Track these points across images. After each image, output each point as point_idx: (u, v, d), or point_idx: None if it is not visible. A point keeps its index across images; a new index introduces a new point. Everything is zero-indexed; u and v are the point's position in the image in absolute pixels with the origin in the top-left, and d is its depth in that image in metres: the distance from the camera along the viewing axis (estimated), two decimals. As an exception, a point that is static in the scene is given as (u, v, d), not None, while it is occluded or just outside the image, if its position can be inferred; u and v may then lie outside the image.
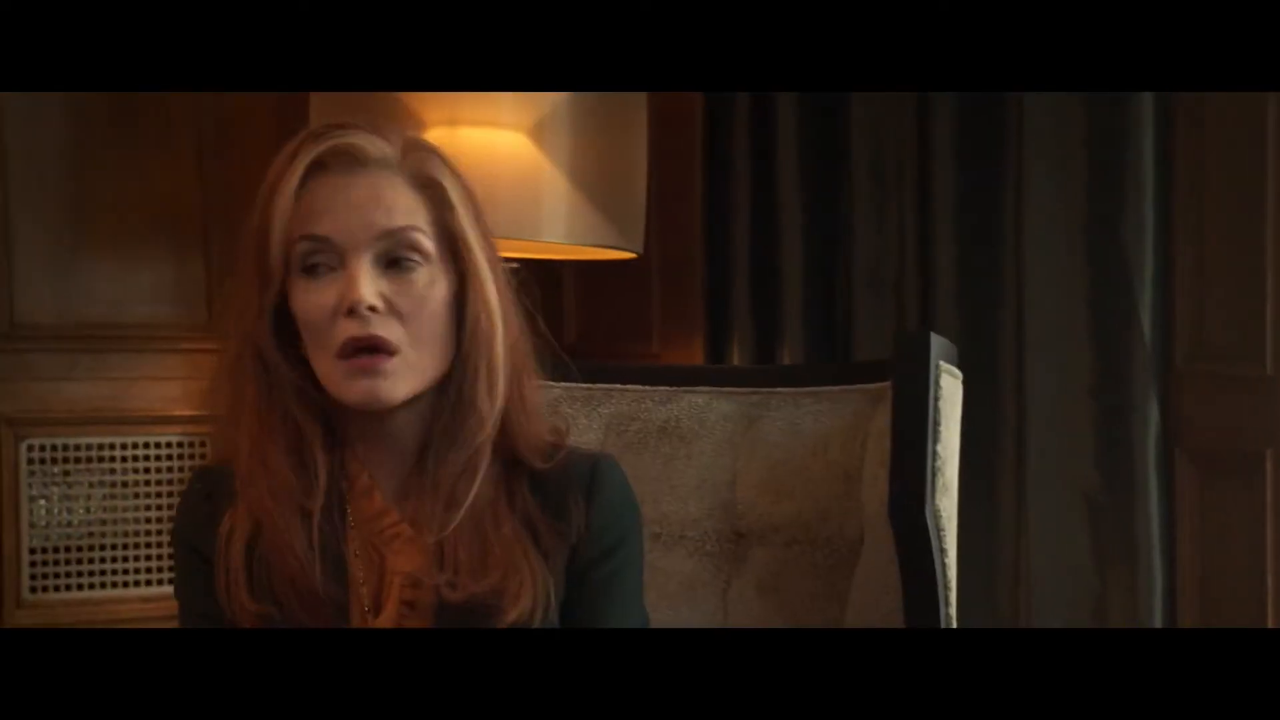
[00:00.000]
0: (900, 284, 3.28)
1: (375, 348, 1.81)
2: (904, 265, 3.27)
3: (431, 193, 1.86)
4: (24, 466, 3.62)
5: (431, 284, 1.85)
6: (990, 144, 3.09)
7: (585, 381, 2.42)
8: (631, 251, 3.38)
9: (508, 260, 3.34)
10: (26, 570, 3.63)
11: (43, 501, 3.64)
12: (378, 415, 1.87)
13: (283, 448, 1.86)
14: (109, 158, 3.69)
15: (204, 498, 1.92)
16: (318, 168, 1.84)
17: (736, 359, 3.51)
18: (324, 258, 1.82)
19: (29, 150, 3.64)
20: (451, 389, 1.88)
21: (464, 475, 1.87)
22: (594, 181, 3.25)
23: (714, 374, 2.46)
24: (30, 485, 3.64)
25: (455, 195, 1.88)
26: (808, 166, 3.42)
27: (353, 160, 1.84)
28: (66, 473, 3.66)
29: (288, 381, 1.86)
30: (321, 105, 3.19)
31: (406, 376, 1.84)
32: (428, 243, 1.85)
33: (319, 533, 1.85)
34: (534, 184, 3.19)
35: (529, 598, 1.84)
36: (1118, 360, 2.96)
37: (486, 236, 1.91)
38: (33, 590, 3.64)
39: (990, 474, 3.07)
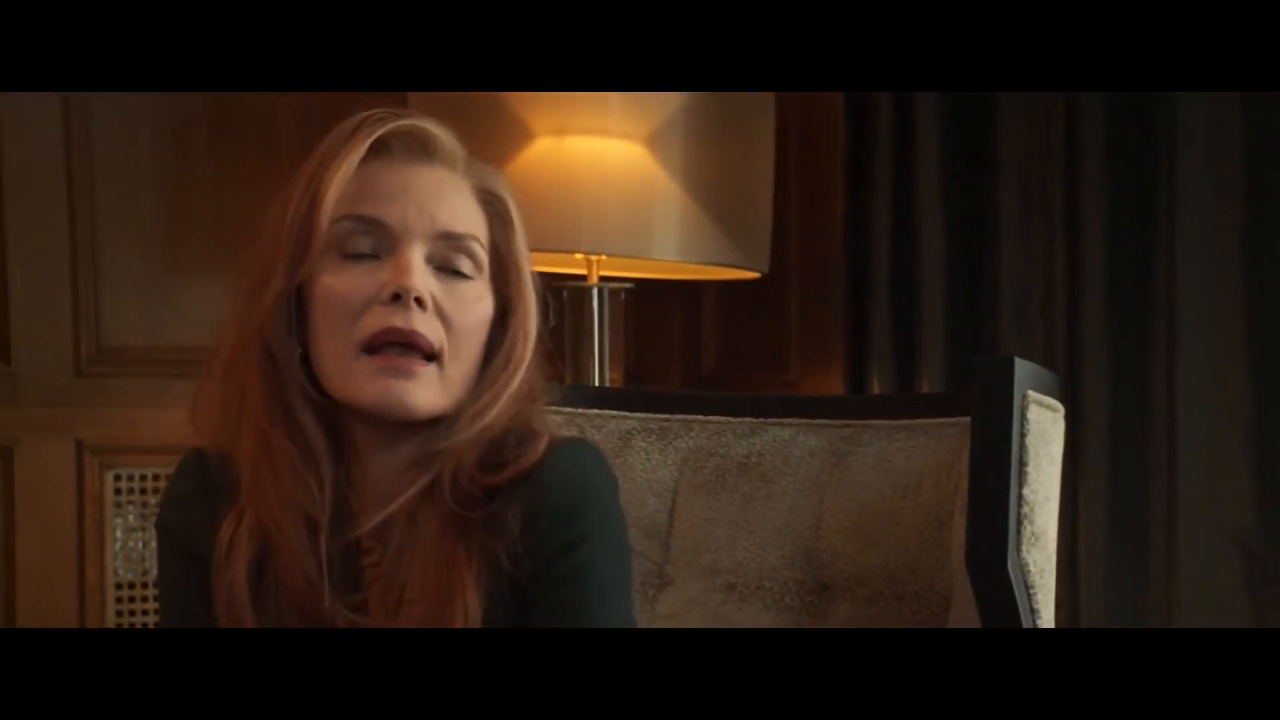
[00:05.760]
0: (1048, 307, 3.09)
1: (413, 345, 1.65)
2: (1052, 287, 3.08)
3: (492, 207, 1.75)
4: (109, 497, 3.52)
5: (480, 300, 1.71)
6: (1142, 159, 2.93)
7: (662, 412, 2.23)
8: (755, 270, 3.19)
9: (619, 280, 3.25)
10: (112, 605, 3.53)
11: (138, 534, 3.53)
12: (386, 431, 1.69)
13: (291, 452, 1.68)
14: (206, 170, 3.58)
15: (198, 490, 1.75)
16: (380, 149, 1.70)
17: (876, 388, 3.30)
18: (370, 242, 1.68)
19: (120, 166, 3.56)
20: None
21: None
22: (714, 195, 3.08)
23: (802, 404, 2.26)
24: (117, 516, 3.53)
25: (515, 215, 1.76)
26: (951, 182, 3.24)
27: (421, 149, 1.73)
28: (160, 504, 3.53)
29: (293, 376, 1.68)
30: (420, 110, 3.01)
31: (437, 390, 1.68)
32: (484, 255, 1.72)
33: (331, 552, 1.68)
34: (646, 197, 3.03)
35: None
36: (1278, 393, 2.78)
37: (531, 264, 1.78)
38: (119, 627, 3.53)
39: (1139, 517, 2.91)
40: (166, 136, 3.59)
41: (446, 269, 1.69)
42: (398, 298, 1.65)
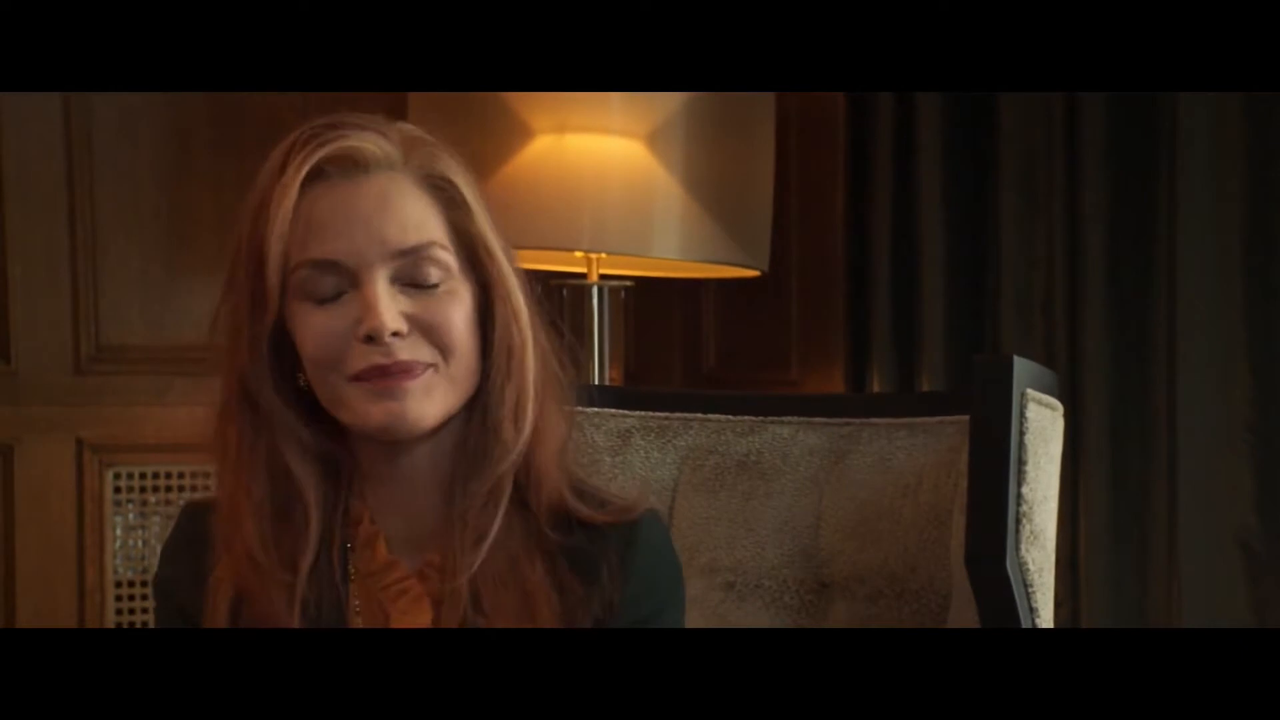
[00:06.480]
0: (1048, 306, 3.08)
1: (403, 372, 1.62)
2: (1053, 287, 3.08)
3: (444, 194, 1.67)
4: (109, 496, 3.52)
5: (454, 297, 1.66)
6: (1142, 159, 2.93)
7: (662, 410, 2.22)
8: (755, 269, 3.19)
9: (619, 278, 3.25)
10: (112, 605, 3.53)
11: (138, 532, 3.53)
12: (393, 450, 1.67)
13: (263, 500, 1.65)
14: (207, 169, 3.58)
15: (188, 544, 1.72)
16: (315, 176, 1.63)
17: (876, 387, 3.30)
18: (333, 282, 1.63)
19: (120, 166, 3.56)
20: (476, 414, 1.68)
21: (487, 507, 1.67)
22: (714, 193, 3.09)
23: (801, 403, 2.24)
24: (117, 515, 3.53)
25: (469, 193, 1.69)
26: (951, 181, 3.25)
27: (354, 165, 1.64)
28: (160, 502, 3.54)
29: (279, 421, 1.66)
30: (420, 109, 3.03)
31: (441, 392, 1.65)
32: (448, 256, 1.66)
33: (312, 592, 1.65)
34: (646, 194, 3.02)
35: None
36: (1278, 393, 2.77)
37: (504, 240, 1.72)
38: (118, 626, 3.52)
39: (1139, 517, 2.90)
40: (166, 136, 3.58)
41: (414, 284, 1.64)
42: (373, 338, 1.61)
